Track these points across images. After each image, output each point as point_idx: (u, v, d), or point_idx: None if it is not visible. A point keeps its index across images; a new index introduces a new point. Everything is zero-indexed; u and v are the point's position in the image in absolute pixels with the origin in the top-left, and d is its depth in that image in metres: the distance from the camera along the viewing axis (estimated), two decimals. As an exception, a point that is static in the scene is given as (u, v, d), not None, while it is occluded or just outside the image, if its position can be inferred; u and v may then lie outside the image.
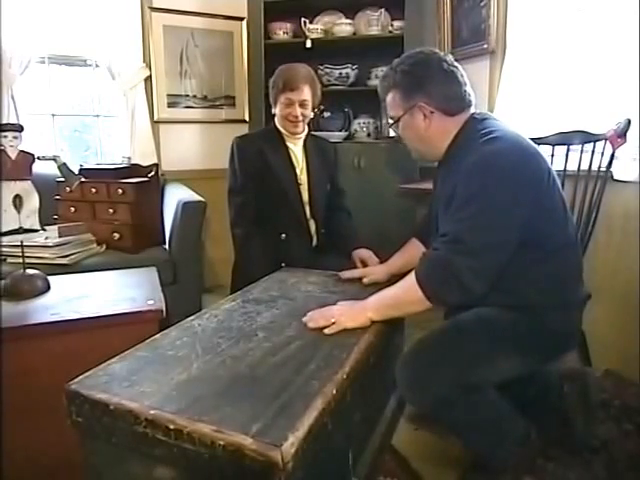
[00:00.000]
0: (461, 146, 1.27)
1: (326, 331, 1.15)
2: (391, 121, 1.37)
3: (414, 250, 1.55)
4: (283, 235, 1.93)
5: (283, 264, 1.82)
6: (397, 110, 1.33)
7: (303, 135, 1.98)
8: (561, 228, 1.24)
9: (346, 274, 1.62)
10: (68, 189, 2.36)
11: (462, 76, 1.30)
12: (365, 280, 1.57)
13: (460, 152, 1.25)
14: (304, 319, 1.20)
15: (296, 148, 1.98)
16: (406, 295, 1.21)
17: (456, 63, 1.30)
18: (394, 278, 1.47)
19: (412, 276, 1.19)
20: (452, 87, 1.28)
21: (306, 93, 1.85)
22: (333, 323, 1.17)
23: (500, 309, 1.19)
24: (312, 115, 1.94)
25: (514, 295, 1.22)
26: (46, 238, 1.98)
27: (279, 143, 1.95)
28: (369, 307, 1.22)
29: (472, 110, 1.32)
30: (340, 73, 2.81)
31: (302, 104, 1.86)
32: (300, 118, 1.87)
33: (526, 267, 1.21)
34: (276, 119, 1.95)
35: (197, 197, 2.38)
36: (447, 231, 1.17)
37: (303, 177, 1.97)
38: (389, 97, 1.34)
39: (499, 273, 1.16)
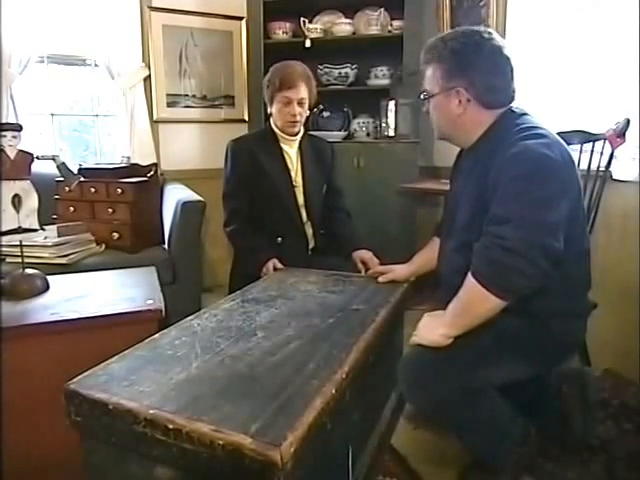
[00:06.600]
0: (496, 139, 1.21)
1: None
2: (424, 94, 1.32)
3: (436, 249, 1.51)
4: (279, 239, 1.91)
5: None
6: (433, 86, 1.28)
7: (298, 137, 1.96)
8: (578, 237, 1.21)
9: (370, 272, 1.68)
10: (67, 189, 2.36)
11: (512, 70, 1.23)
12: (381, 278, 1.57)
13: (494, 145, 1.19)
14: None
15: (291, 150, 1.95)
16: (468, 295, 1.13)
17: (509, 53, 1.23)
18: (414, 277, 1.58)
19: (469, 275, 1.13)
20: (498, 79, 1.22)
21: (303, 91, 1.83)
22: None
23: (504, 313, 1.16)
24: (308, 114, 1.92)
25: (519, 299, 1.18)
26: (45, 238, 1.98)
27: (273, 145, 1.92)
28: (442, 322, 1.18)
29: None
30: (339, 73, 2.80)
31: (300, 102, 1.84)
32: (298, 118, 1.86)
33: None
34: (272, 119, 1.93)
35: (196, 197, 2.38)
36: (502, 215, 1.09)
37: (298, 179, 1.95)
38: (429, 70, 1.28)
39: None
